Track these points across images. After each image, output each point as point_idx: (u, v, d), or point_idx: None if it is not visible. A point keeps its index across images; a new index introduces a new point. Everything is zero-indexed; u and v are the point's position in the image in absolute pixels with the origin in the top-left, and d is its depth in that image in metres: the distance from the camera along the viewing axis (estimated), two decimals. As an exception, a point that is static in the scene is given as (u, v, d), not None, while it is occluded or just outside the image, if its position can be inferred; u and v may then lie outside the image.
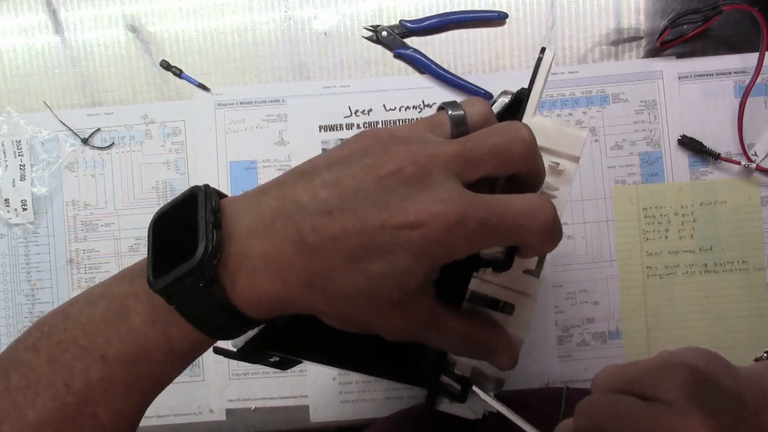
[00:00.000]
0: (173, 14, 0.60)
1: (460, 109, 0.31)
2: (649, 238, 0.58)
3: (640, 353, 0.58)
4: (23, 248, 0.60)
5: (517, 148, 0.29)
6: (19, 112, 0.60)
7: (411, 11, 0.60)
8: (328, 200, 0.28)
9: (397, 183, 0.27)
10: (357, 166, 0.28)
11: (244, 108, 0.60)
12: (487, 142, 0.29)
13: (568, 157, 0.34)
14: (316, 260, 0.27)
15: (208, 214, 0.29)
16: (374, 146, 0.29)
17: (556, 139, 0.34)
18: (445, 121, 0.30)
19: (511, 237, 0.28)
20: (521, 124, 0.29)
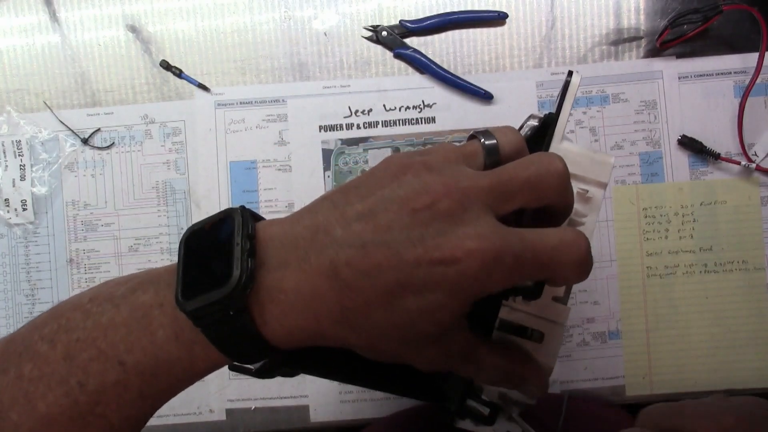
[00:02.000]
0: (173, 14, 0.60)
1: (493, 138, 0.30)
2: (649, 238, 0.58)
3: (640, 353, 0.58)
4: (23, 248, 0.60)
5: (552, 181, 0.29)
6: (19, 112, 0.60)
7: (411, 11, 0.60)
8: (362, 234, 0.27)
9: (431, 217, 0.27)
10: (390, 198, 0.28)
11: (244, 108, 0.60)
12: (521, 175, 0.28)
13: (596, 183, 0.34)
14: (350, 295, 0.27)
15: (244, 240, 0.28)
16: (408, 176, 0.28)
17: (584, 165, 0.33)
18: (478, 151, 0.30)
19: (546, 272, 0.28)
20: (555, 156, 0.29)
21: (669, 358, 0.58)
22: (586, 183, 0.34)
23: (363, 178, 0.30)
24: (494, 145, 0.30)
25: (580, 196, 0.33)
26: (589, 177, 0.34)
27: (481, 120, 0.59)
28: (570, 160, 0.33)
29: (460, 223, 0.27)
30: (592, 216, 0.33)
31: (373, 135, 0.60)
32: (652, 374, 0.58)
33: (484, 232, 0.27)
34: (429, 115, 0.59)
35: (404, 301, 0.27)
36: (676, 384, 0.58)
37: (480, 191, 0.28)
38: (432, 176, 0.28)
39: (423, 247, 0.27)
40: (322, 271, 0.27)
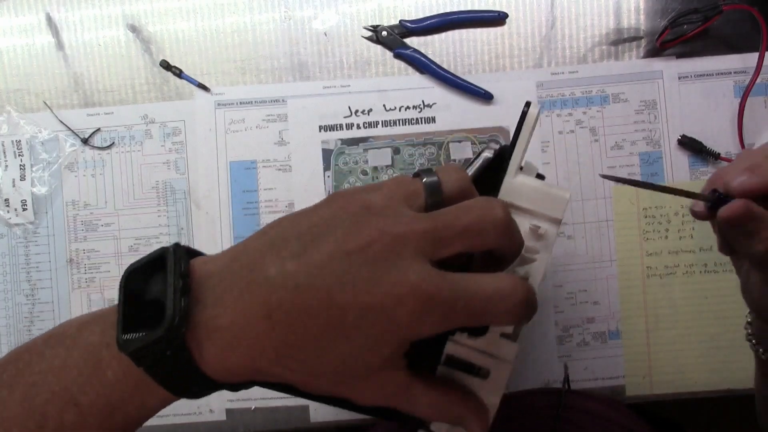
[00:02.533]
0: (173, 14, 0.60)
1: (434, 176, 0.30)
2: (649, 238, 0.58)
3: (640, 353, 0.58)
4: (23, 248, 0.60)
5: (490, 229, 0.28)
6: (19, 112, 0.60)
7: (411, 11, 0.60)
8: (295, 275, 0.27)
9: (364, 261, 0.27)
10: (326, 240, 0.28)
11: (244, 108, 0.60)
12: (459, 222, 0.28)
13: (549, 219, 0.33)
14: (283, 336, 0.27)
15: (177, 279, 0.28)
16: (345, 218, 0.28)
17: (538, 200, 0.33)
18: (419, 191, 0.30)
19: (480, 319, 0.28)
20: (496, 203, 0.29)
21: (669, 358, 0.58)
22: (538, 219, 0.33)
23: (305, 214, 0.30)
24: (435, 183, 0.30)
25: (532, 232, 0.33)
26: (542, 212, 0.33)
27: (481, 120, 0.59)
28: (523, 194, 0.32)
29: (393, 269, 0.27)
30: (545, 253, 0.33)
31: (373, 135, 0.60)
32: (652, 374, 0.58)
33: (416, 280, 0.27)
34: (429, 115, 0.59)
35: (335, 343, 0.27)
36: (676, 384, 0.58)
37: (415, 236, 0.27)
38: (368, 218, 0.28)
39: (354, 291, 0.27)
40: (256, 311, 0.28)
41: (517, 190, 0.32)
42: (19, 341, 0.59)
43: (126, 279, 0.30)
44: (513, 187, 0.32)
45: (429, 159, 0.59)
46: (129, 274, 0.30)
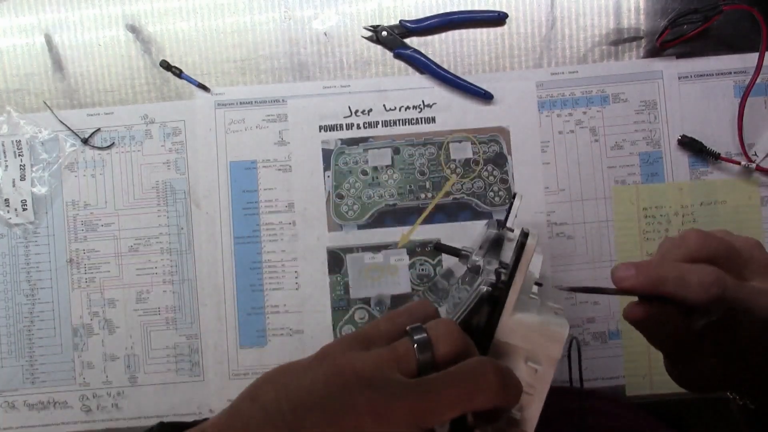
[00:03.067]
0: (173, 14, 0.60)
1: (424, 333, 0.30)
2: (649, 238, 0.58)
3: (640, 353, 0.58)
4: (23, 248, 0.60)
5: (483, 396, 0.28)
6: (19, 112, 0.60)
7: (411, 11, 0.60)
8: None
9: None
10: (319, 414, 0.28)
11: (244, 108, 0.60)
12: (450, 393, 0.28)
13: (547, 358, 0.33)
14: None
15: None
16: (336, 385, 0.28)
17: (536, 341, 0.32)
18: (410, 354, 0.30)
19: None
20: (488, 368, 0.29)
21: (669, 358, 0.58)
22: (535, 359, 0.33)
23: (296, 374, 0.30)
24: (425, 341, 0.30)
25: (528, 373, 0.32)
26: (539, 352, 0.33)
27: (481, 120, 0.59)
28: (521, 334, 0.32)
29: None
30: (540, 394, 0.32)
31: (373, 135, 0.60)
32: (652, 374, 0.58)
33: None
34: (429, 115, 0.59)
35: None
36: (676, 384, 0.58)
37: (404, 412, 0.28)
38: (360, 390, 0.28)
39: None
40: None
41: (514, 329, 0.32)
42: (19, 341, 0.59)
43: None
44: (509, 327, 0.32)
45: (429, 159, 0.59)
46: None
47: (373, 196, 0.60)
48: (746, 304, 0.32)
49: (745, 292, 0.32)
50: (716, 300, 0.32)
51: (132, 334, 0.59)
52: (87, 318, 0.59)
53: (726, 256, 0.34)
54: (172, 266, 0.59)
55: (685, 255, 0.34)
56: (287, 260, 0.59)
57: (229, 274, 0.59)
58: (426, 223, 0.59)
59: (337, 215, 0.60)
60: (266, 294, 0.59)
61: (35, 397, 0.59)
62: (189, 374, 0.59)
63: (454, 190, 0.59)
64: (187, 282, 0.59)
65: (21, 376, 0.59)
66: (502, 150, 0.59)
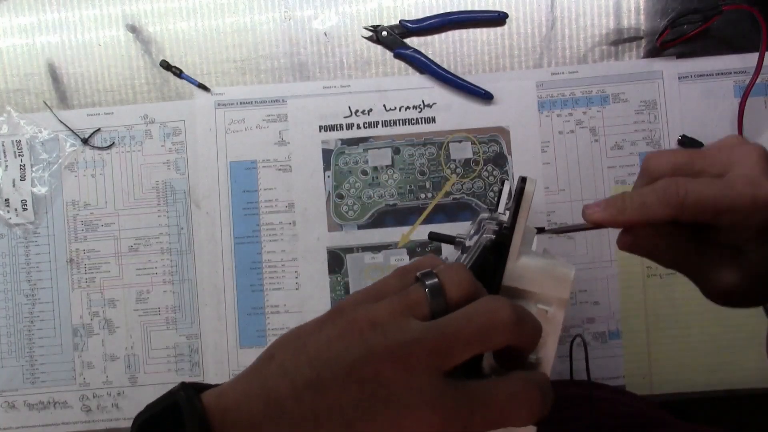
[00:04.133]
0: (173, 14, 0.60)
1: (435, 278, 0.30)
2: (649, 238, 0.58)
3: (640, 353, 0.58)
4: (23, 248, 0.60)
5: (498, 332, 0.28)
6: (19, 112, 0.60)
7: (411, 11, 0.60)
8: (313, 406, 0.28)
9: (379, 386, 0.27)
10: (337, 364, 0.28)
11: (244, 108, 0.60)
12: (465, 331, 0.28)
13: (556, 300, 0.33)
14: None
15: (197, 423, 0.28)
16: (353, 338, 0.28)
17: (543, 282, 0.33)
18: (423, 298, 0.30)
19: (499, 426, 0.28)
20: (501, 304, 0.29)
21: (669, 358, 0.58)
22: (545, 301, 0.33)
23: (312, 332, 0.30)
24: (436, 286, 0.30)
25: (539, 315, 0.32)
26: (548, 294, 0.33)
27: (481, 120, 0.59)
28: (528, 278, 0.32)
29: (407, 390, 0.27)
30: (554, 336, 0.32)
31: (373, 135, 0.60)
32: (652, 374, 0.58)
33: (430, 398, 0.27)
34: (429, 115, 0.59)
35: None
36: (676, 384, 0.58)
37: (423, 353, 0.28)
38: (376, 337, 0.28)
39: (373, 419, 0.27)
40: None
41: (520, 274, 0.32)
42: (19, 341, 0.59)
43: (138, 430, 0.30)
44: (516, 272, 0.32)
45: (429, 159, 0.59)
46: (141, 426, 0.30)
47: (373, 196, 0.60)
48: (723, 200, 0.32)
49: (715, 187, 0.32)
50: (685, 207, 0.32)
51: (132, 334, 0.59)
52: (87, 318, 0.59)
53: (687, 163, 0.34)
54: (172, 266, 0.59)
55: (646, 179, 0.34)
56: (287, 260, 0.59)
57: (229, 274, 0.59)
58: (426, 223, 0.59)
59: (337, 215, 0.60)
60: (266, 294, 0.59)
61: (35, 397, 0.59)
62: (189, 374, 0.59)
63: (454, 190, 0.59)
64: (187, 282, 0.59)
65: (21, 376, 0.59)
66: (502, 150, 0.59)
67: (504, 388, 0.28)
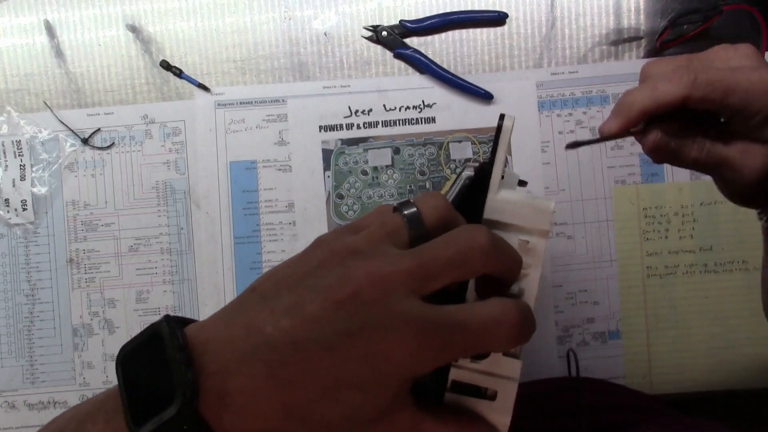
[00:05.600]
0: (173, 14, 0.60)
1: (413, 207, 0.30)
2: (649, 238, 0.58)
3: (640, 353, 0.58)
4: (23, 248, 0.60)
5: (476, 257, 0.28)
6: (19, 112, 0.60)
7: (411, 11, 0.60)
8: (292, 331, 0.28)
9: (357, 308, 0.27)
10: (316, 289, 0.28)
11: (244, 108, 0.60)
12: (442, 256, 0.28)
13: (537, 232, 0.33)
14: (290, 393, 0.28)
15: (177, 352, 0.28)
16: (332, 264, 0.29)
17: (524, 214, 0.33)
18: (401, 226, 0.30)
19: (478, 349, 0.29)
20: (479, 230, 0.29)
21: (669, 358, 0.58)
22: (526, 233, 0.33)
23: (292, 264, 0.30)
24: (415, 215, 0.30)
25: (521, 247, 0.33)
26: (529, 226, 0.33)
27: (481, 120, 0.59)
28: (507, 209, 0.33)
29: (385, 312, 0.27)
30: (536, 268, 0.33)
31: (373, 135, 0.60)
32: (652, 374, 0.58)
33: (409, 319, 0.27)
34: (429, 115, 0.59)
35: (341, 394, 0.28)
36: (676, 384, 0.58)
37: (402, 276, 0.28)
38: (355, 262, 0.28)
39: (351, 341, 0.27)
40: (261, 373, 0.28)
41: (500, 207, 0.32)
42: (19, 341, 0.59)
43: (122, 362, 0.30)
44: (496, 204, 0.32)
45: (429, 159, 0.59)
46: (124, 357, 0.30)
47: (373, 196, 0.60)
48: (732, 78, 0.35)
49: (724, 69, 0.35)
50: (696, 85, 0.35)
51: (132, 334, 0.59)
52: (87, 318, 0.59)
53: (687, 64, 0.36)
54: (172, 266, 0.60)
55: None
56: (287, 260, 0.59)
57: (229, 274, 0.59)
58: (426, 223, 0.59)
59: (337, 215, 0.60)
60: (266, 294, 0.59)
61: (35, 397, 0.59)
62: (189, 374, 0.59)
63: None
64: (187, 282, 0.59)
65: (21, 376, 0.59)
66: (502, 150, 0.59)
67: (482, 309, 0.28)
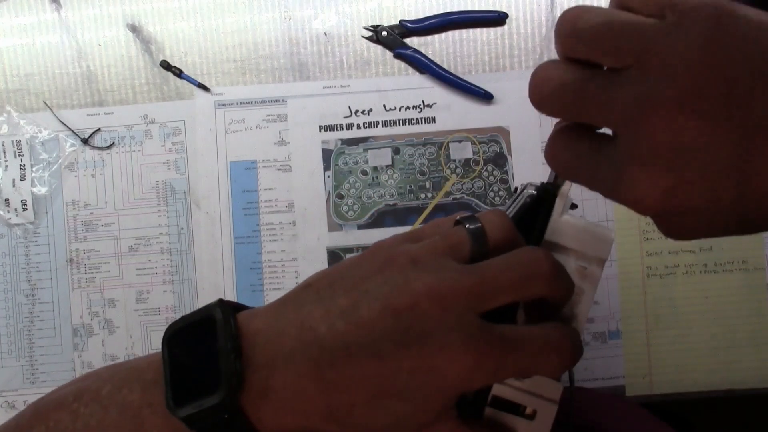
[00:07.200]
0: (173, 14, 0.60)
1: (478, 223, 0.30)
2: (649, 238, 0.58)
3: (640, 353, 0.58)
4: (23, 248, 0.60)
5: (536, 282, 0.28)
6: (19, 112, 0.60)
7: (411, 11, 0.60)
8: (346, 335, 0.27)
9: (414, 320, 0.27)
10: (374, 295, 0.28)
11: (244, 108, 0.60)
12: (504, 277, 0.28)
13: (596, 260, 0.33)
14: (336, 396, 0.28)
15: (228, 341, 0.28)
16: (391, 271, 0.28)
17: (584, 241, 0.33)
18: (464, 241, 0.30)
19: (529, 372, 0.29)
20: (542, 254, 0.29)
21: (669, 358, 0.58)
22: (584, 259, 0.33)
23: (350, 267, 0.30)
24: (479, 230, 0.30)
25: (578, 272, 0.33)
26: (588, 253, 0.33)
27: (481, 120, 0.59)
28: (569, 234, 0.33)
29: (441, 327, 0.27)
30: (589, 294, 0.33)
31: (373, 135, 0.60)
32: (652, 374, 0.58)
33: (465, 337, 0.27)
34: (429, 115, 0.59)
35: (387, 402, 0.28)
36: (676, 384, 0.58)
37: (462, 292, 0.28)
38: (416, 273, 0.28)
39: (404, 351, 0.27)
40: (308, 371, 0.28)
41: (563, 230, 0.32)
42: (19, 341, 0.59)
43: (168, 340, 0.30)
44: (560, 227, 0.32)
45: (429, 159, 0.59)
46: (172, 335, 0.30)
47: (373, 196, 0.60)
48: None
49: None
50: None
51: (132, 334, 0.59)
52: (87, 318, 0.59)
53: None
54: (172, 266, 0.60)
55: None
56: (287, 260, 0.59)
57: (229, 274, 0.59)
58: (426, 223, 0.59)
59: (337, 215, 0.60)
60: (266, 294, 0.59)
61: (35, 397, 0.59)
62: (189, 374, 0.59)
63: (454, 190, 0.59)
64: (187, 282, 0.59)
65: (21, 376, 0.59)
66: (502, 150, 0.59)
67: (538, 334, 0.28)
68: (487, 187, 0.59)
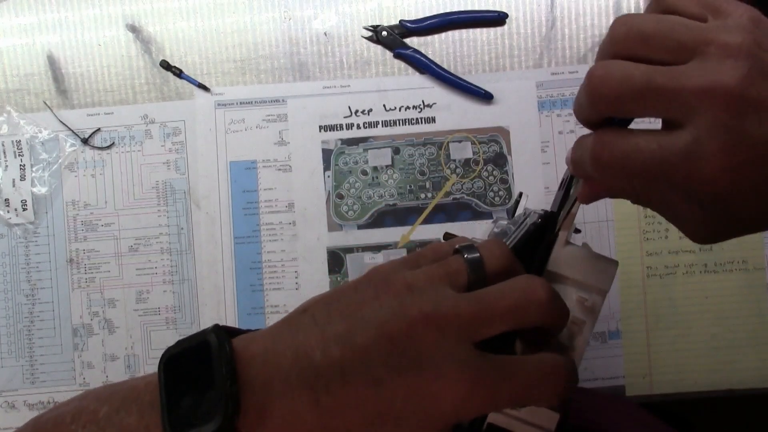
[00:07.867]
0: (173, 14, 0.60)
1: (476, 252, 0.30)
2: (649, 238, 0.58)
3: (640, 353, 0.58)
4: (23, 248, 0.60)
5: (533, 310, 0.29)
6: (19, 112, 0.60)
7: (411, 11, 0.60)
8: (341, 360, 0.27)
9: (409, 345, 0.27)
10: (369, 321, 0.28)
11: (244, 108, 0.60)
12: (500, 304, 0.28)
13: (597, 290, 0.33)
14: (332, 421, 0.28)
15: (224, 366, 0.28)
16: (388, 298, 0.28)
17: (586, 271, 0.33)
18: (462, 269, 0.30)
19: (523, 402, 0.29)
20: (539, 283, 0.29)
21: (669, 358, 0.58)
22: (586, 290, 0.33)
23: (347, 292, 0.30)
24: (477, 260, 0.30)
25: (578, 303, 0.33)
26: (589, 284, 0.33)
27: (481, 120, 0.59)
28: (571, 265, 0.33)
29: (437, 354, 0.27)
30: (589, 326, 0.33)
31: (373, 135, 0.60)
32: (652, 374, 0.58)
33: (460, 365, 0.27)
34: (429, 115, 0.59)
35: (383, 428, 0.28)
36: (676, 384, 0.58)
37: (457, 320, 0.28)
38: (412, 299, 0.28)
39: (400, 378, 0.27)
40: (304, 397, 0.28)
41: (565, 260, 0.32)
42: (19, 341, 0.59)
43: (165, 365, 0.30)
44: (562, 257, 0.32)
45: (429, 159, 0.59)
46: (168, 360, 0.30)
47: (373, 196, 0.60)
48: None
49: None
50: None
51: (132, 334, 0.59)
52: (87, 318, 0.59)
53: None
54: (172, 266, 0.60)
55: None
56: (287, 260, 0.59)
57: (229, 274, 0.59)
58: (426, 223, 0.59)
59: (337, 215, 0.60)
60: (266, 294, 0.59)
61: (35, 397, 0.59)
62: (189, 374, 0.59)
63: (454, 190, 0.59)
64: (187, 282, 0.59)
65: (21, 376, 0.59)
66: (502, 150, 0.59)
67: (533, 363, 0.28)
68: (487, 187, 0.59)
